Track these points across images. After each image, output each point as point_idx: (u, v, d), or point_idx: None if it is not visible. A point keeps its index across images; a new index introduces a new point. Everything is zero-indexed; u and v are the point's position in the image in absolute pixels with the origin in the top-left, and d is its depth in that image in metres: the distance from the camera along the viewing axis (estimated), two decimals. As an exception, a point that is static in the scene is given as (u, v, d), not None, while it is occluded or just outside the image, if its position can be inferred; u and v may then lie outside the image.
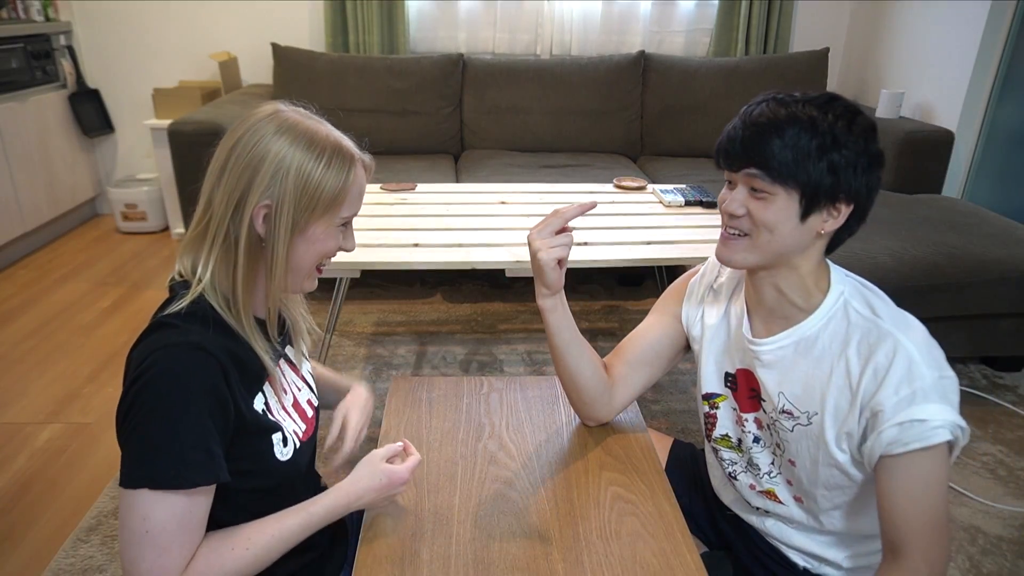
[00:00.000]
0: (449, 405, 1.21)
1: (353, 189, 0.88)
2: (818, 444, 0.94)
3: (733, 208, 0.92)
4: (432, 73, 3.29)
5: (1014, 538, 1.69)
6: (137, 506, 0.76)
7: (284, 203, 0.83)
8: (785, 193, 0.88)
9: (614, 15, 3.62)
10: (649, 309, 1.20)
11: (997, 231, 2.26)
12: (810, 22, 3.72)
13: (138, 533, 0.76)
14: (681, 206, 2.26)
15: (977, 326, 2.21)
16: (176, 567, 0.78)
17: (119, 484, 0.78)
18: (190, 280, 0.86)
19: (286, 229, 0.84)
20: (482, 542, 0.90)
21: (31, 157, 3.18)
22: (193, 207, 0.89)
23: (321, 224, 0.86)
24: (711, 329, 1.09)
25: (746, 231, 0.93)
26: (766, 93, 0.94)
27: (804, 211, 0.89)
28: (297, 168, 0.83)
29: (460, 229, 2.02)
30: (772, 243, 0.91)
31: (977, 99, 2.95)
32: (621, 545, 0.90)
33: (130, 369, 0.80)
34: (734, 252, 0.94)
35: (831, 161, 0.87)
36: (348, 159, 0.87)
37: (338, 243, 0.90)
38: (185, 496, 0.78)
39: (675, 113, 3.39)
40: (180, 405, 0.77)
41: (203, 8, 3.51)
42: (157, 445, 0.77)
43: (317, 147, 0.84)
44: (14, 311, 2.74)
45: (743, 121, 0.92)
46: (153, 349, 0.79)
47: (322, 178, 0.84)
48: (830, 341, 0.93)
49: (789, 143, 0.86)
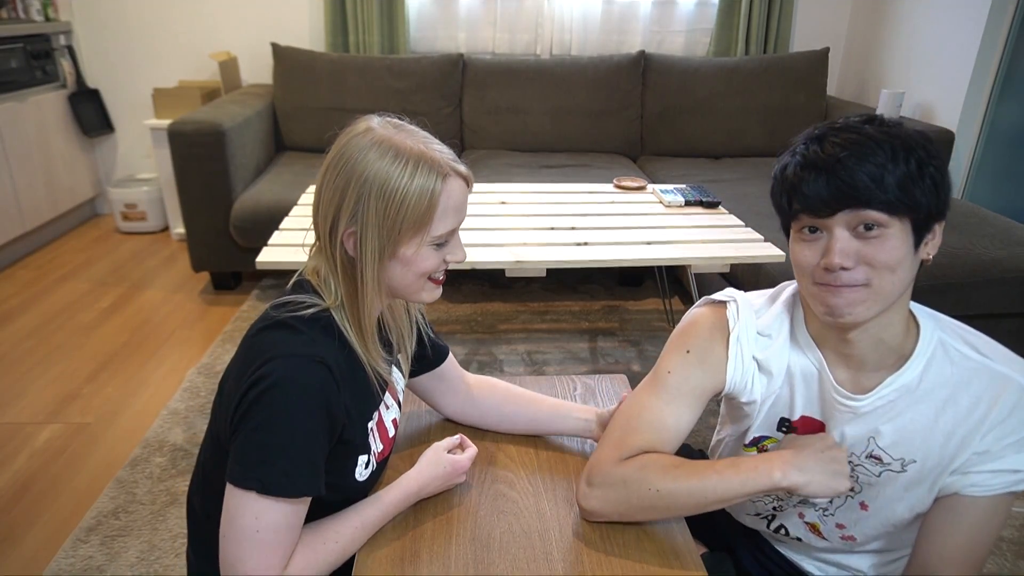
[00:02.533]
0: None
1: (441, 205, 0.83)
2: (908, 490, 0.87)
3: (841, 260, 0.77)
4: (432, 73, 3.29)
5: (1014, 538, 1.69)
6: (249, 506, 0.78)
7: (368, 228, 0.81)
8: (900, 224, 0.77)
9: (614, 15, 3.62)
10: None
11: (997, 231, 2.26)
12: (810, 22, 3.72)
13: (248, 532, 0.78)
14: (681, 206, 2.26)
15: (977, 326, 2.20)
16: (279, 566, 0.80)
17: (227, 478, 0.79)
18: (315, 282, 0.87)
19: (373, 253, 0.82)
20: (482, 542, 0.90)
21: (31, 157, 3.18)
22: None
23: (412, 245, 0.84)
24: (773, 394, 0.92)
25: (863, 281, 0.78)
26: (811, 128, 0.82)
27: (917, 239, 0.79)
28: (380, 190, 0.80)
29: (460, 229, 2.01)
30: (895, 285, 0.78)
31: (977, 99, 2.95)
32: (621, 545, 0.90)
33: (251, 363, 0.80)
34: (855, 306, 0.78)
35: (931, 177, 0.76)
36: (435, 173, 0.81)
37: (436, 261, 0.86)
38: (292, 504, 0.80)
39: (675, 113, 3.39)
40: (298, 418, 0.78)
41: (203, 8, 3.51)
42: (271, 453, 0.78)
43: (400, 163, 0.80)
44: (14, 311, 2.74)
45: (812, 161, 0.78)
46: (277, 354, 0.79)
47: (404, 199, 0.80)
48: (933, 386, 0.84)
49: (888, 167, 0.75)
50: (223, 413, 0.84)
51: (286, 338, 0.81)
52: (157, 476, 1.84)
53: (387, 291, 0.89)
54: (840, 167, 0.75)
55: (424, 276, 0.87)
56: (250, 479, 0.78)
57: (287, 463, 0.78)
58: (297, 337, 0.81)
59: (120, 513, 1.71)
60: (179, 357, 2.43)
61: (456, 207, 0.85)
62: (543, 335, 2.60)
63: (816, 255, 0.80)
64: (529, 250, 1.85)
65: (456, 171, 0.85)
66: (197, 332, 2.60)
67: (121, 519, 1.69)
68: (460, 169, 0.85)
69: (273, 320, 0.83)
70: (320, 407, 0.80)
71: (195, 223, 2.74)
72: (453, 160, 0.85)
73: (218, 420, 0.88)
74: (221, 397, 0.88)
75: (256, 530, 0.78)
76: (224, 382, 0.88)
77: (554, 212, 2.19)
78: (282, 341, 0.81)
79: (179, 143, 2.62)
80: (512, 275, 1.87)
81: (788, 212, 0.82)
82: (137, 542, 1.62)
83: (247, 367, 0.80)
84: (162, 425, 2.04)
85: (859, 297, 0.78)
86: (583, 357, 2.45)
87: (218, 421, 0.88)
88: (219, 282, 2.96)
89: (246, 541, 0.78)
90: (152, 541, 1.63)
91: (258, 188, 2.80)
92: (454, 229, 0.87)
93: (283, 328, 0.82)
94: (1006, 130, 2.92)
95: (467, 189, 0.87)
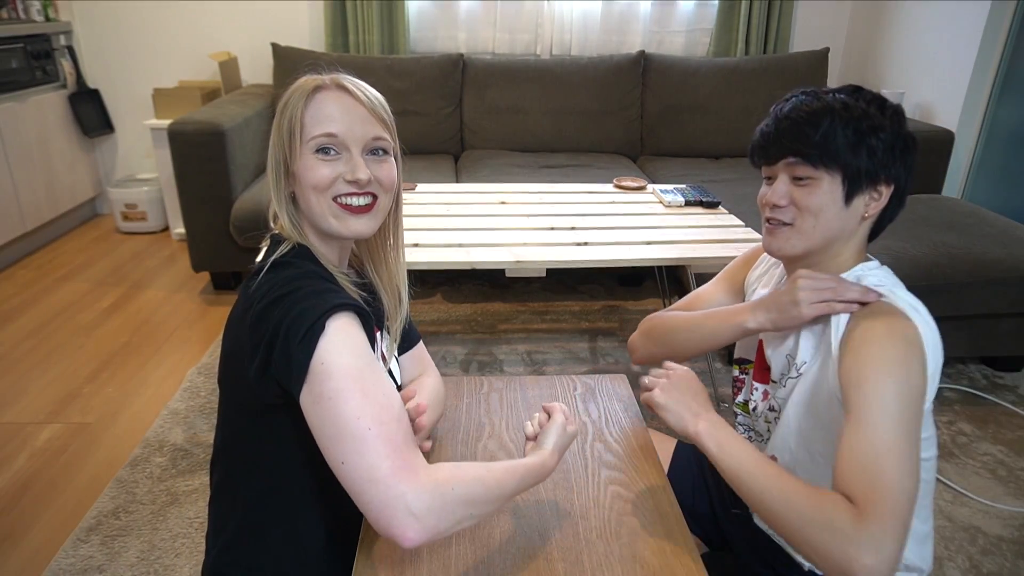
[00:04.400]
0: (449, 405, 1.21)
1: (313, 109, 0.87)
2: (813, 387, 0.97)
3: (775, 199, 0.95)
4: (432, 73, 3.29)
5: (1014, 538, 1.69)
6: (345, 403, 0.73)
7: (271, 149, 0.89)
8: (828, 176, 0.92)
9: (614, 15, 3.62)
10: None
11: (997, 231, 2.26)
12: (810, 22, 3.72)
13: (354, 431, 0.72)
14: (681, 206, 2.26)
15: (977, 326, 2.21)
16: (418, 461, 0.74)
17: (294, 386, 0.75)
18: (281, 233, 0.91)
19: (274, 171, 0.89)
20: (482, 542, 0.90)
21: (31, 157, 3.18)
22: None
23: (297, 158, 0.87)
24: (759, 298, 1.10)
25: (790, 220, 0.95)
26: (794, 91, 0.98)
27: (848, 193, 0.92)
28: (277, 115, 0.90)
29: (460, 229, 2.02)
30: (818, 228, 0.94)
31: (977, 99, 2.95)
32: (621, 545, 0.90)
33: (256, 299, 0.81)
34: (782, 241, 0.97)
35: (869, 144, 0.90)
36: (310, 86, 0.88)
37: (325, 173, 0.86)
38: (373, 364, 0.78)
39: (675, 113, 3.39)
40: (314, 282, 0.82)
41: (203, 8, 3.51)
42: (309, 301, 0.78)
43: (289, 90, 0.89)
44: (14, 311, 2.74)
45: (775, 117, 0.96)
46: (282, 278, 0.82)
47: (285, 112, 0.88)
48: None
49: (827, 129, 0.90)
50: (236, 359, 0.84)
51: (282, 271, 0.84)
52: (157, 476, 1.84)
53: (306, 218, 0.91)
54: (788, 123, 0.94)
55: (320, 193, 0.87)
56: (314, 330, 0.75)
57: (325, 295, 0.79)
58: (293, 267, 0.85)
59: (120, 513, 1.71)
60: (179, 357, 2.43)
61: (331, 113, 0.87)
62: (543, 335, 2.60)
63: (766, 195, 0.99)
64: (529, 250, 1.85)
65: (336, 83, 0.89)
66: (197, 332, 2.60)
67: (121, 519, 1.69)
68: (341, 81, 0.89)
69: (264, 267, 0.85)
70: (323, 281, 0.83)
71: (195, 223, 2.74)
72: (346, 77, 0.91)
73: (229, 374, 0.88)
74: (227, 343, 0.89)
75: (368, 427, 0.72)
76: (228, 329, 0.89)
77: (554, 212, 2.19)
78: (280, 272, 0.84)
79: (179, 143, 2.62)
80: (512, 275, 1.87)
81: (754, 163, 1.02)
82: (137, 542, 1.62)
83: (254, 300, 0.81)
84: (162, 425, 2.04)
85: (785, 235, 0.97)
86: (583, 357, 2.45)
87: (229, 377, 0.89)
88: (219, 282, 2.96)
89: (365, 447, 0.72)
90: (152, 541, 1.63)
91: (258, 188, 2.80)
92: (332, 134, 0.86)
93: (277, 267, 0.85)
94: (1006, 130, 2.92)
95: (351, 99, 0.88)
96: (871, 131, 0.91)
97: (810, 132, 0.91)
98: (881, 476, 0.76)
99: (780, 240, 0.97)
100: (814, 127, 0.91)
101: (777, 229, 0.97)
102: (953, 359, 2.45)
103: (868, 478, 0.76)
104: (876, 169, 0.92)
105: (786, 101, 0.96)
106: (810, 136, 0.91)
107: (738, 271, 1.21)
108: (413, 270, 1.72)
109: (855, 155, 0.91)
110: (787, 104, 0.96)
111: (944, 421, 2.13)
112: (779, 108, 0.96)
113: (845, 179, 0.92)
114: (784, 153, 0.94)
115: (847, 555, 0.72)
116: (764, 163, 0.99)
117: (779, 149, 0.94)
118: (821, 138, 0.90)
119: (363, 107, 0.88)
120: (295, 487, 0.89)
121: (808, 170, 0.92)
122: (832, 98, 0.93)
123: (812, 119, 0.91)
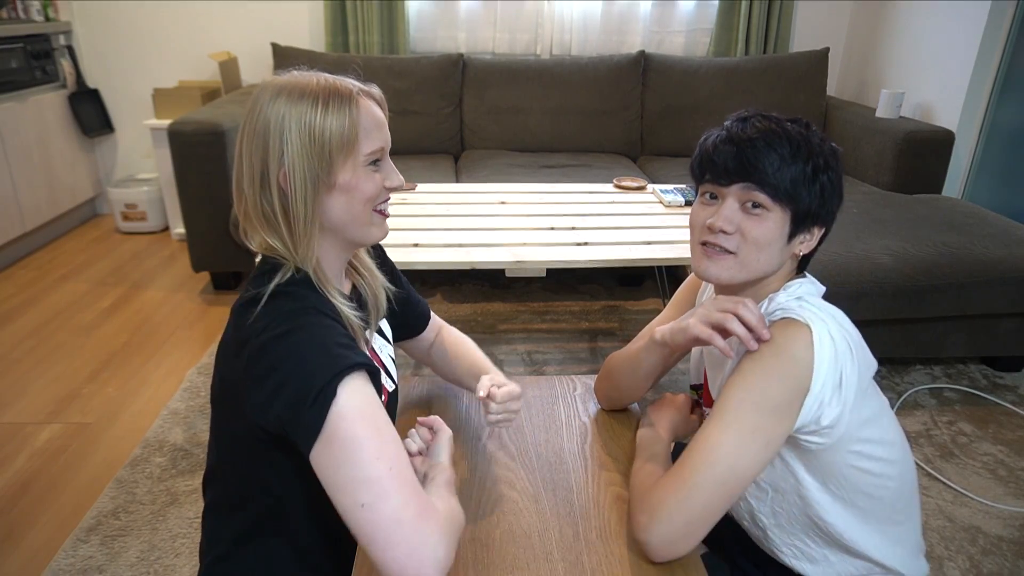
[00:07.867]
0: (449, 405, 1.22)
1: (363, 123, 0.84)
2: None
3: (722, 224, 0.89)
4: (432, 73, 3.29)
5: (1014, 538, 1.69)
6: (362, 448, 0.73)
7: (296, 164, 0.81)
8: (781, 212, 0.89)
9: (614, 15, 3.62)
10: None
11: (997, 231, 2.26)
12: (810, 22, 3.72)
13: (376, 474, 0.73)
14: (681, 206, 2.26)
15: (977, 326, 2.21)
16: (429, 501, 0.76)
17: (304, 447, 0.74)
18: (271, 255, 0.86)
19: (304, 185, 0.82)
20: (482, 542, 0.90)
21: (31, 157, 3.18)
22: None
23: (347, 170, 0.84)
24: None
25: (733, 248, 0.90)
26: (747, 110, 0.94)
27: (792, 232, 0.90)
28: (297, 123, 0.81)
29: (460, 229, 2.02)
30: (760, 262, 0.91)
31: (977, 99, 2.95)
32: (621, 545, 0.90)
33: (254, 332, 0.78)
34: (722, 269, 0.92)
35: (821, 183, 0.89)
36: (346, 96, 0.83)
37: (376, 183, 0.86)
38: (378, 407, 0.77)
39: (675, 113, 3.39)
40: (309, 328, 0.79)
41: (203, 8, 3.51)
42: (321, 356, 0.76)
43: (309, 96, 0.82)
44: (14, 311, 2.74)
45: (731, 135, 0.90)
46: (282, 312, 0.79)
47: (324, 124, 0.81)
48: None
49: (787, 160, 0.87)
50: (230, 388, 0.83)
51: (282, 303, 0.81)
52: (157, 476, 1.84)
53: (334, 230, 0.87)
54: (749, 146, 0.88)
55: (369, 204, 0.87)
56: (326, 394, 0.74)
57: (330, 348, 0.77)
58: (291, 299, 0.82)
59: (120, 513, 1.71)
60: (179, 357, 2.43)
61: (377, 124, 0.86)
62: (543, 335, 2.60)
63: (708, 216, 0.92)
64: (529, 250, 1.85)
65: (365, 92, 0.87)
66: (197, 332, 2.60)
67: (121, 519, 1.69)
68: (370, 90, 0.88)
69: (264, 294, 0.81)
70: (324, 317, 0.81)
71: (195, 223, 2.74)
72: (361, 84, 0.88)
73: (224, 399, 0.87)
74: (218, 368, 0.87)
75: (389, 467, 0.73)
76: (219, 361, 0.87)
77: (554, 212, 2.19)
78: (281, 305, 0.81)
79: (179, 143, 2.62)
80: (512, 275, 1.87)
81: (699, 178, 0.95)
82: (137, 542, 1.62)
83: (253, 334, 0.79)
84: (162, 425, 2.04)
85: (726, 264, 0.92)
86: (583, 357, 2.45)
87: (224, 400, 0.87)
88: (219, 282, 2.96)
89: (385, 488, 0.73)
90: (152, 541, 1.63)
91: (258, 188, 2.79)
92: (382, 147, 0.87)
93: (277, 297, 0.82)
94: (1006, 130, 2.92)
95: (380, 110, 0.88)
96: (823, 170, 0.89)
97: (775, 161, 0.87)
98: (687, 463, 0.85)
99: (719, 267, 0.92)
100: (779, 157, 0.87)
101: (718, 256, 0.92)
102: (953, 359, 2.45)
103: (677, 466, 0.86)
104: (818, 210, 0.90)
105: (744, 121, 0.91)
106: (775, 165, 0.87)
107: (687, 296, 1.17)
108: (413, 270, 1.73)
109: (808, 193, 0.88)
110: (747, 124, 0.90)
111: (944, 421, 2.13)
112: (739, 127, 0.90)
113: (794, 216, 0.89)
114: (744, 178, 0.88)
115: (639, 523, 0.87)
116: (713, 182, 0.92)
117: (740, 173, 0.88)
118: (784, 170, 0.87)
119: (384, 114, 0.90)
120: (289, 507, 0.89)
121: (765, 199, 0.88)
122: (792, 128, 0.89)
123: (777, 147, 0.87)
